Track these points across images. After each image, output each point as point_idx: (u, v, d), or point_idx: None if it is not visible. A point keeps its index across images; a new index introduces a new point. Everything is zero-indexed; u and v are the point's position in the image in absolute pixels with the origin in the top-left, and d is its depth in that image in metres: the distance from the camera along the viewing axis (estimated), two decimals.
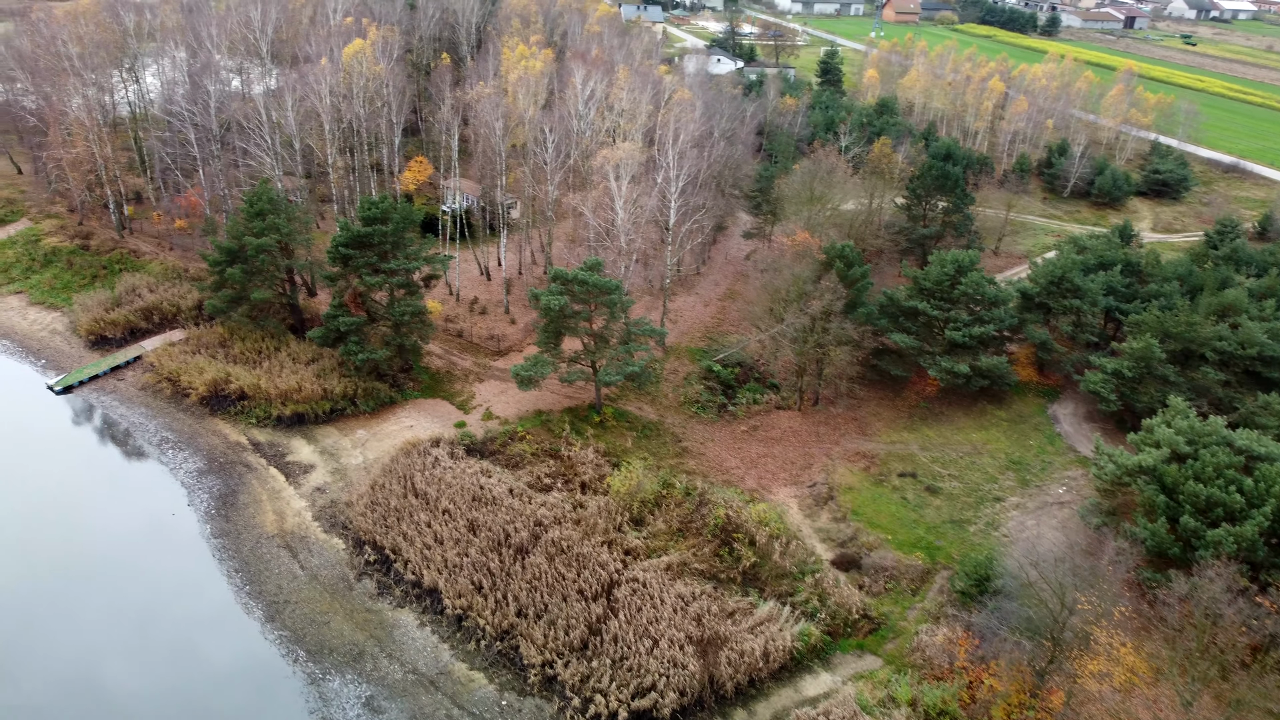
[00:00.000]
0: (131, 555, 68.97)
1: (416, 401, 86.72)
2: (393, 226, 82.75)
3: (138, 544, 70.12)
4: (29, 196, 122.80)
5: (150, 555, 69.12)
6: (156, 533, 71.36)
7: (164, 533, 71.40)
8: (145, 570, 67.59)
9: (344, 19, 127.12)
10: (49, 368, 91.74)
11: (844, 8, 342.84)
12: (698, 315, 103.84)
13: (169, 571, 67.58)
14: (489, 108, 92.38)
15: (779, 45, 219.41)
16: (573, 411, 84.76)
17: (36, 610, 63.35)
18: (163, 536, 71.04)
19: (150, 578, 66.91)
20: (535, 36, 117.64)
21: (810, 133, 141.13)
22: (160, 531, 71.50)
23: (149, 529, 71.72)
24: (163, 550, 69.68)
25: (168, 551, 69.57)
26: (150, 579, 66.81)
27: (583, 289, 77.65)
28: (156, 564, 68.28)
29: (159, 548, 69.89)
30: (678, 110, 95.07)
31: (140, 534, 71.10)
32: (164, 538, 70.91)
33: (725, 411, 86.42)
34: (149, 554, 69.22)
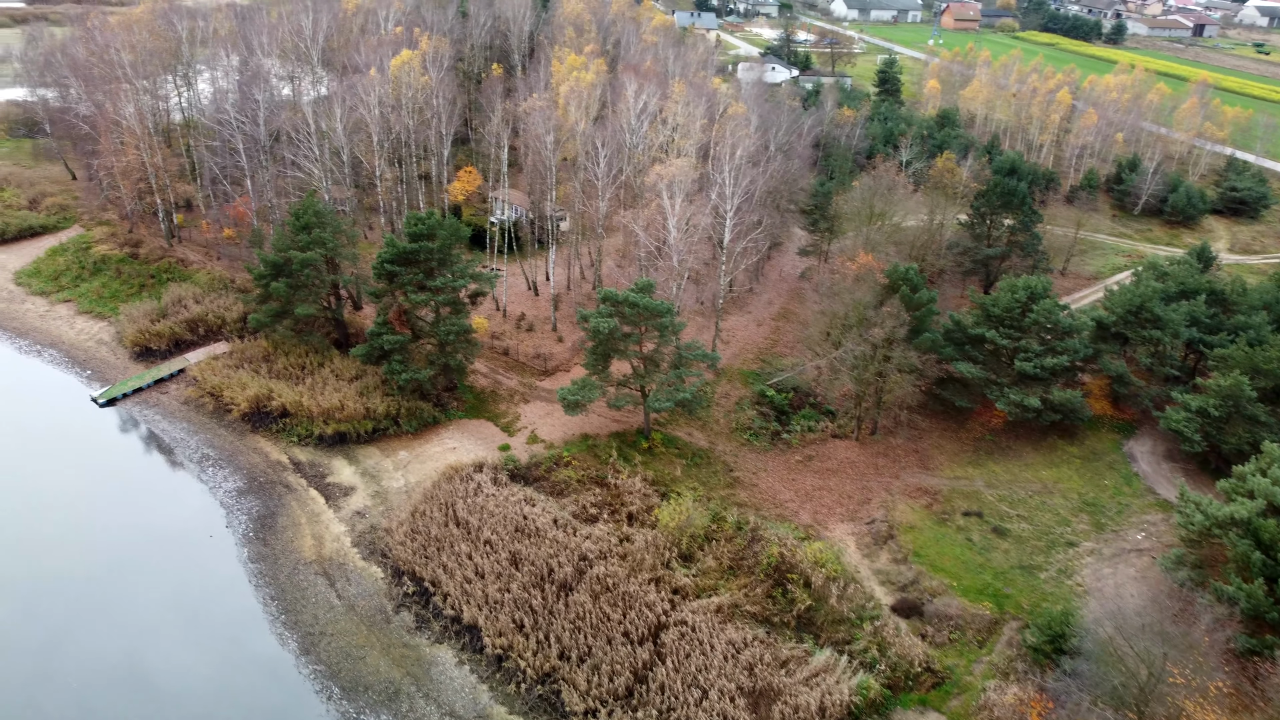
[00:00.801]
0: (169, 578, 67.34)
1: (460, 422, 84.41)
2: (439, 243, 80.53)
3: (175, 566, 68.53)
4: (82, 203, 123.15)
5: (187, 579, 67.44)
6: (194, 555, 69.77)
7: (201, 555, 69.79)
8: (182, 595, 65.89)
9: (395, 28, 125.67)
10: (94, 379, 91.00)
11: (901, 14, 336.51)
12: (750, 336, 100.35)
13: (205, 596, 65.85)
14: (540, 120, 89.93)
15: (835, 53, 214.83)
16: (620, 436, 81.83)
17: (70, 630, 61.95)
18: (200, 559, 69.41)
19: (186, 603, 65.20)
20: (589, 46, 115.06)
21: (868, 145, 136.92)
22: (198, 554, 69.90)
23: (187, 551, 70.16)
24: (200, 574, 68.02)
25: (205, 575, 67.90)
26: (186, 604, 65.09)
27: (633, 311, 74.70)
28: (193, 588, 66.57)
29: (196, 571, 68.24)
30: (732, 124, 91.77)
31: (178, 556, 69.56)
32: (201, 560, 69.28)
33: (779, 439, 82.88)
34: (186, 577, 67.56)
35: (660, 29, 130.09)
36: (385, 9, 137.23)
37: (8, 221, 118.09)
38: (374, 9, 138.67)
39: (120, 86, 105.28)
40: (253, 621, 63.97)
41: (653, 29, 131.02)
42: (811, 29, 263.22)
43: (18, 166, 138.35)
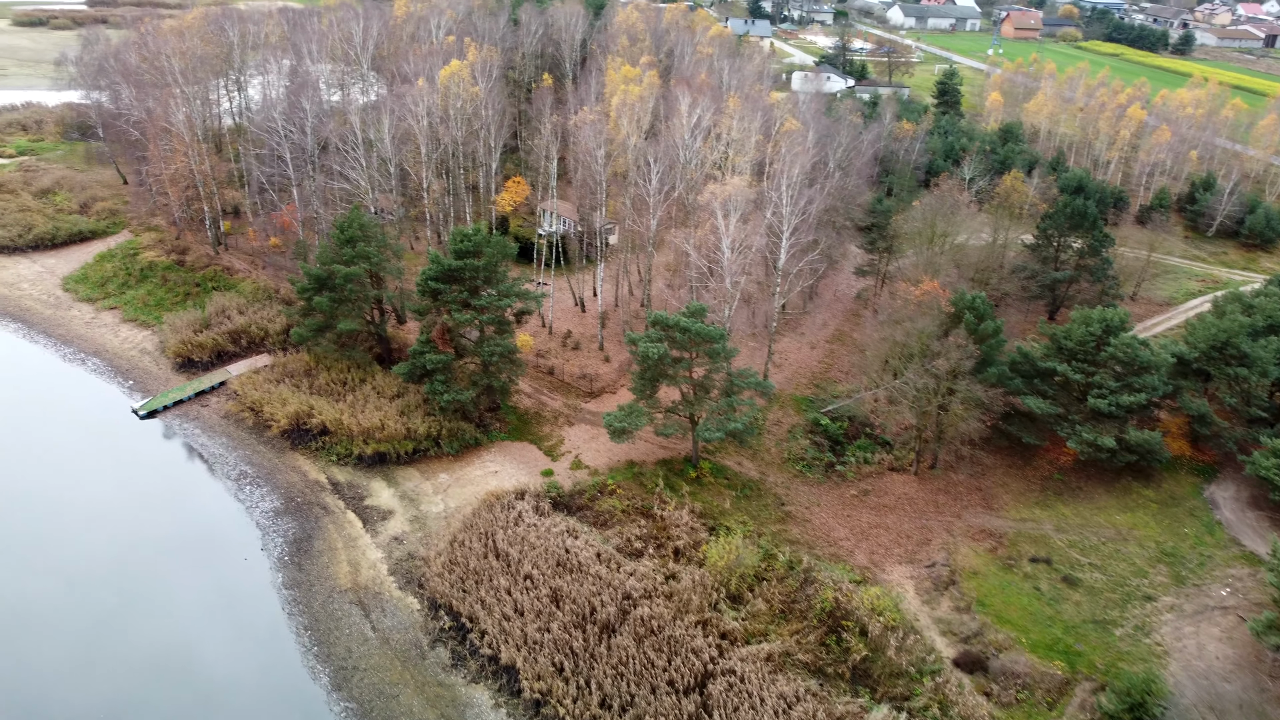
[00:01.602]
0: (202, 602, 65.48)
1: (503, 444, 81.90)
2: (485, 260, 78.13)
3: (209, 589, 66.70)
4: (131, 208, 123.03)
5: (220, 603, 65.58)
6: (229, 578, 67.95)
7: (236, 578, 67.95)
8: (214, 621, 64.01)
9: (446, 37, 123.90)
10: (135, 390, 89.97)
11: (959, 23, 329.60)
12: (804, 359, 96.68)
13: (238, 623, 63.96)
14: (590, 134, 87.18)
15: (892, 62, 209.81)
16: (667, 464, 78.74)
17: (99, 650, 60.28)
18: (234, 582, 67.56)
19: (219, 629, 63.31)
20: (645, 57, 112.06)
21: (928, 160, 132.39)
22: (232, 577, 68.08)
23: (222, 573, 68.36)
24: (233, 598, 66.13)
25: (238, 600, 66.01)
26: (218, 631, 63.20)
27: (684, 337, 71.62)
28: (226, 614, 64.69)
29: (229, 595, 66.36)
30: (789, 140, 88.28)
31: (213, 578, 67.76)
32: (235, 584, 67.43)
33: (833, 471, 79.21)
34: (219, 601, 65.71)
35: (716, 39, 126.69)
36: (437, 17, 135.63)
37: (58, 226, 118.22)
38: (426, 16, 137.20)
39: (170, 93, 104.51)
40: (285, 652, 61.89)
41: (708, 39, 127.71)
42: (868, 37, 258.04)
43: (71, 170, 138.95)
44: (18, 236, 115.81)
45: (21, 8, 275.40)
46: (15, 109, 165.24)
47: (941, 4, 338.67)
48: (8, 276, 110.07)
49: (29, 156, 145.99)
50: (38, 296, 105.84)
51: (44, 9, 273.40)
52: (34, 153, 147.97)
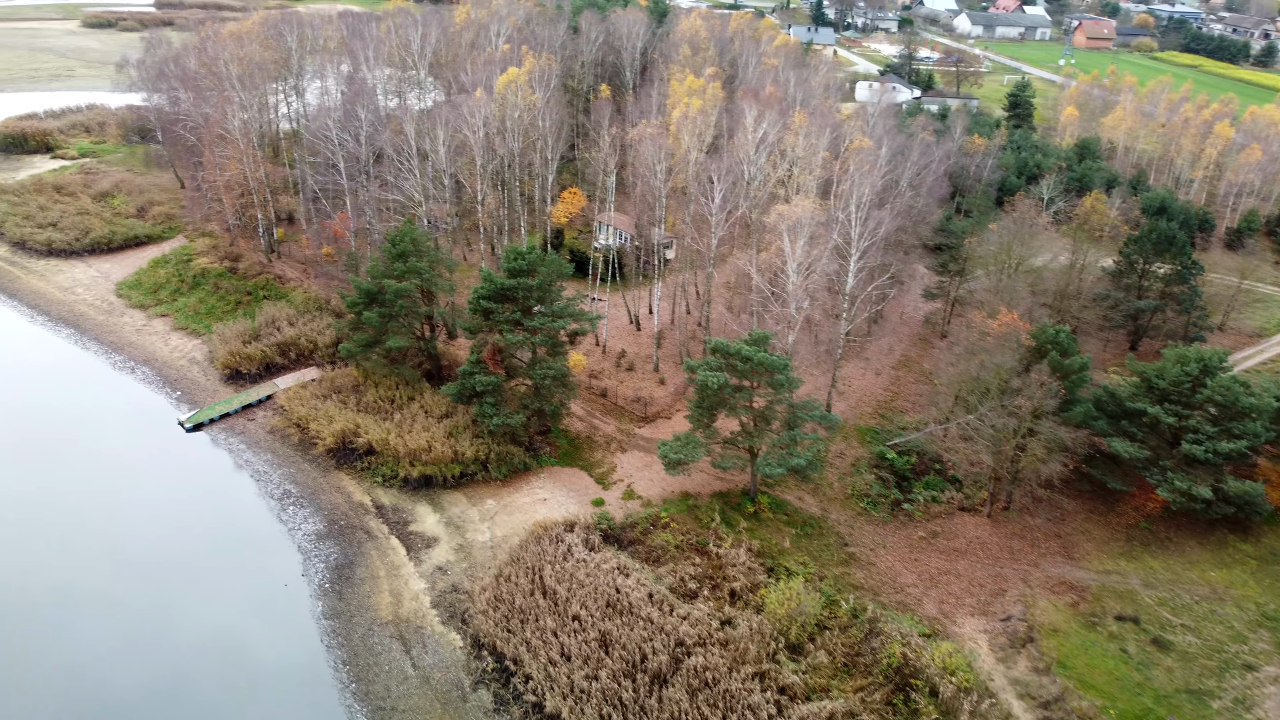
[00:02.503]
0: (239, 629, 63.19)
1: (552, 470, 78.83)
2: (539, 280, 75.16)
3: (247, 617, 64.43)
4: (187, 213, 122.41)
5: (258, 631, 63.28)
6: (267, 605, 65.63)
7: (275, 606, 65.61)
8: (251, 650, 61.71)
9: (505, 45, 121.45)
10: (183, 401, 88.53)
11: (1028, 32, 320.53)
12: (868, 386, 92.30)
13: (275, 654, 61.62)
14: (651, 148, 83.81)
15: (961, 73, 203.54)
16: (724, 497, 75.02)
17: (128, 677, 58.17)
18: (273, 610, 65.22)
19: (255, 659, 61.00)
20: (710, 69, 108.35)
21: (999, 177, 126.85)
22: (271, 604, 65.74)
23: (261, 599, 66.09)
24: (271, 627, 63.80)
25: (276, 629, 63.66)
26: (255, 661, 60.90)
27: (746, 365, 67.85)
28: (263, 643, 62.38)
29: (268, 623, 64.05)
30: (858, 158, 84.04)
31: (251, 604, 65.50)
32: (274, 612, 65.10)
33: (899, 510, 74.85)
34: (257, 629, 63.41)
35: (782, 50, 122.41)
36: (497, 23, 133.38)
37: (115, 230, 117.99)
38: (486, 24, 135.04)
39: (227, 99, 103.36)
40: (322, 687, 59.34)
41: (773, 49, 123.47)
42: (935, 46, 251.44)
43: (130, 173, 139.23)
44: (75, 240, 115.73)
45: (92, 9, 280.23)
46: (80, 110, 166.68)
47: (1010, 12, 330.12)
48: (64, 281, 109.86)
49: (90, 159, 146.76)
50: (91, 302, 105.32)
51: (113, 10, 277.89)
52: (95, 155, 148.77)
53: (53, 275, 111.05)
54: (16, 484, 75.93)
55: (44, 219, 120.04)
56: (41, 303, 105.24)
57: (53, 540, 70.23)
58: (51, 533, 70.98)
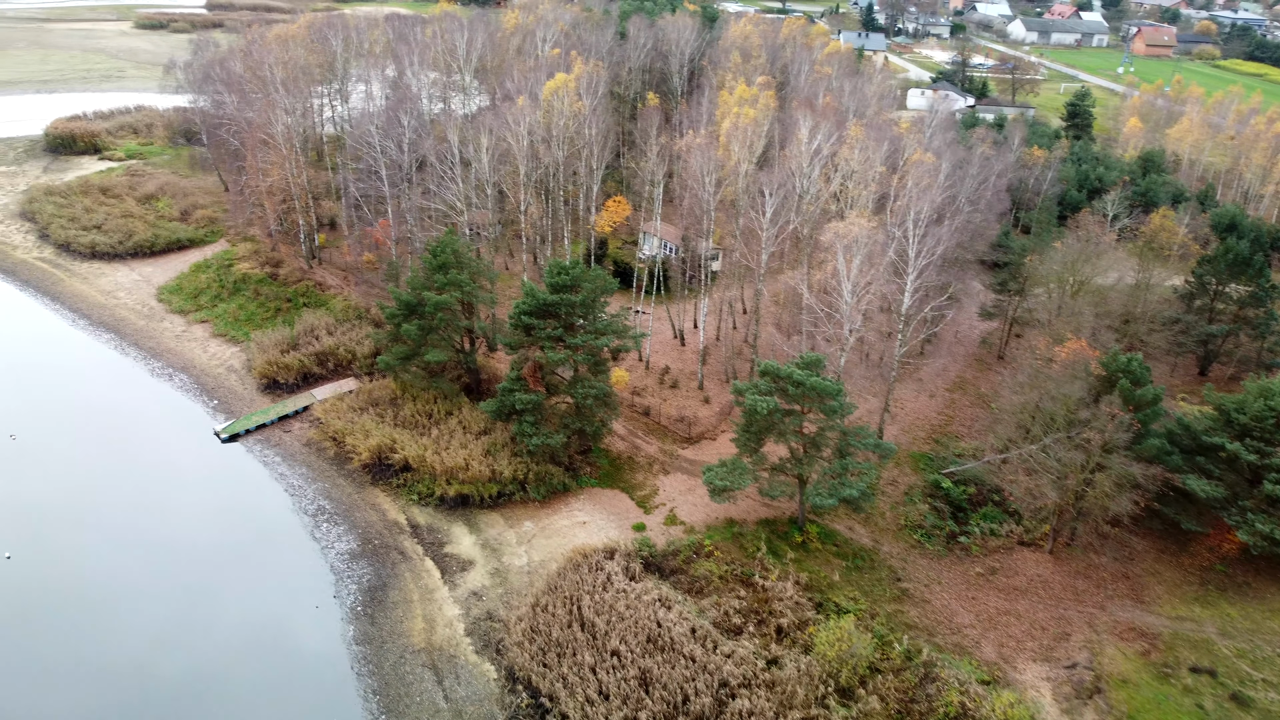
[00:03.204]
0: (267, 653, 61.39)
1: (592, 491, 76.27)
2: (583, 296, 72.66)
3: (276, 639, 62.63)
4: (230, 217, 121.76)
5: (286, 656, 61.41)
6: (297, 627, 63.72)
7: (305, 628, 63.66)
8: (279, 675, 59.86)
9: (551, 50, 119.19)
10: (219, 410, 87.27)
11: (1085, 39, 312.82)
12: (921, 410, 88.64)
13: (303, 681, 59.68)
14: (699, 159, 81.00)
15: (1016, 80, 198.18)
16: (770, 525, 71.92)
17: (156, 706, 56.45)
18: (303, 634, 63.27)
19: (282, 686, 59.09)
20: (761, 77, 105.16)
21: (1059, 190, 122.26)
22: (302, 626, 63.80)
23: (290, 621, 64.21)
24: (300, 651, 61.88)
25: (305, 653, 61.72)
26: (282, 688, 58.98)
27: (797, 390, 64.77)
28: (291, 668, 60.48)
29: (297, 647, 62.14)
30: (917, 173, 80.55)
31: (280, 626, 63.66)
32: (304, 635, 63.13)
33: (955, 543, 71.28)
34: (285, 653, 61.55)
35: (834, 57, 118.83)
36: (544, 29, 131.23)
37: (158, 234, 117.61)
38: (532, 29, 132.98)
39: (270, 103, 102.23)
40: (351, 718, 57.18)
41: (825, 57, 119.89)
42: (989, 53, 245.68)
43: (175, 175, 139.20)
44: (118, 243, 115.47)
45: (145, 10, 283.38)
46: (128, 112, 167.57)
47: (1066, 18, 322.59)
48: (106, 284, 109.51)
49: (137, 160, 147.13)
50: (132, 306, 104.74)
51: (165, 12, 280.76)
52: (142, 156, 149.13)
53: (95, 278, 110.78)
54: (51, 490, 74.89)
55: (89, 221, 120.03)
56: (83, 306, 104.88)
57: (80, 550, 68.99)
58: (80, 542, 69.76)
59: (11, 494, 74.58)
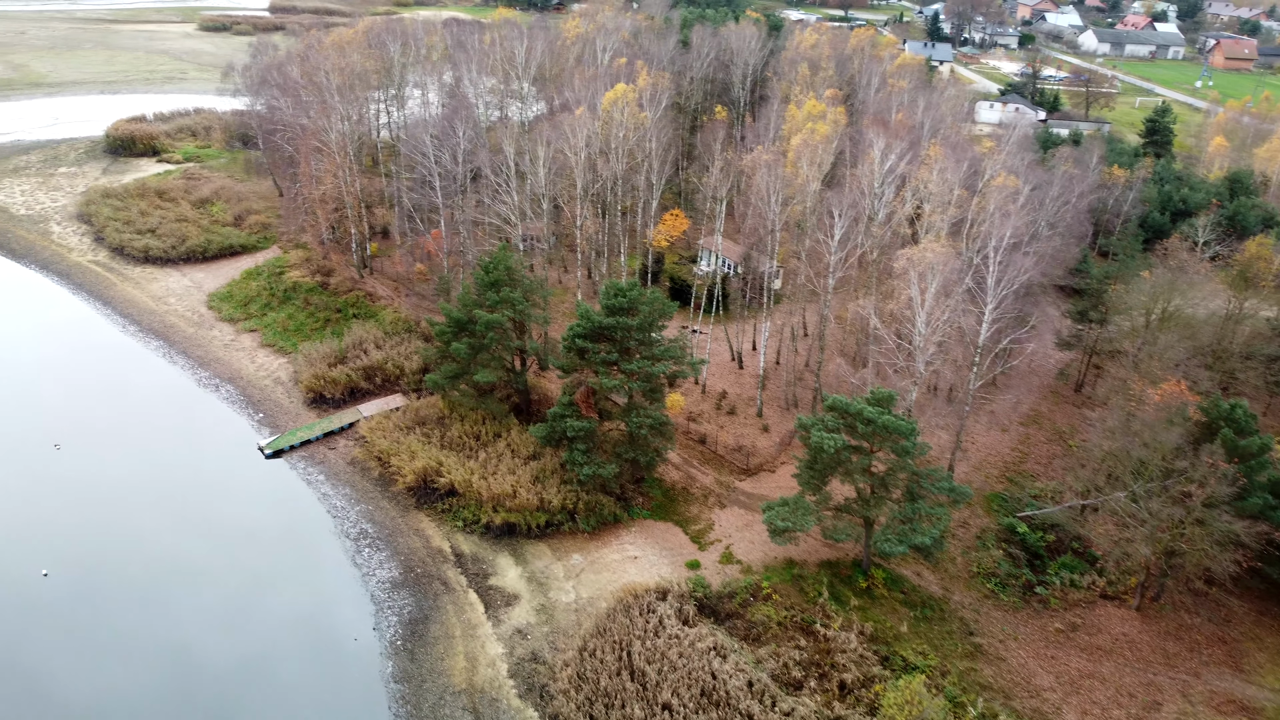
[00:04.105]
0: (305, 690, 58.64)
1: (644, 524, 72.70)
2: (640, 319, 69.14)
3: (314, 673, 59.95)
4: (283, 223, 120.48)
5: (325, 694, 58.59)
6: (335, 661, 60.99)
7: (342, 662, 60.92)
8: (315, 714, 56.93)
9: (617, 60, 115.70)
10: (264, 424, 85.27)
11: (1160, 50, 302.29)
12: (994, 445, 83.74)
13: None
14: (766, 176, 77.12)
15: (1091, 94, 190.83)
16: (833, 568, 67.74)
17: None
18: (341, 668, 60.51)
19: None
20: (830, 90, 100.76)
21: (1139, 212, 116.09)
22: (340, 660, 61.06)
23: (329, 654, 61.49)
24: (338, 686, 59.11)
25: (341, 690, 58.92)
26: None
27: (867, 429, 60.58)
28: (329, 707, 57.62)
29: (333, 683, 59.33)
30: (998, 197, 75.87)
31: (319, 660, 60.99)
32: (342, 670, 60.38)
33: (1032, 595, 66.47)
34: (324, 691, 58.74)
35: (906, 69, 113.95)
36: (605, 38, 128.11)
37: (210, 239, 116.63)
38: (593, 38, 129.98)
39: (325, 110, 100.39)
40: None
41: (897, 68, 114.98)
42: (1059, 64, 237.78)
43: (230, 179, 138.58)
44: (171, 248, 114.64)
45: (209, 13, 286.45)
46: (187, 114, 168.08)
47: (1140, 29, 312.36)
48: (157, 290, 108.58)
49: (193, 163, 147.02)
50: (182, 313, 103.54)
51: (228, 14, 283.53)
52: (199, 159, 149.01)
53: (147, 283, 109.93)
54: (90, 504, 73.22)
55: (143, 225, 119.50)
56: (134, 312, 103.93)
57: (117, 568, 67.10)
58: (117, 559, 67.89)
59: (52, 506, 73.13)
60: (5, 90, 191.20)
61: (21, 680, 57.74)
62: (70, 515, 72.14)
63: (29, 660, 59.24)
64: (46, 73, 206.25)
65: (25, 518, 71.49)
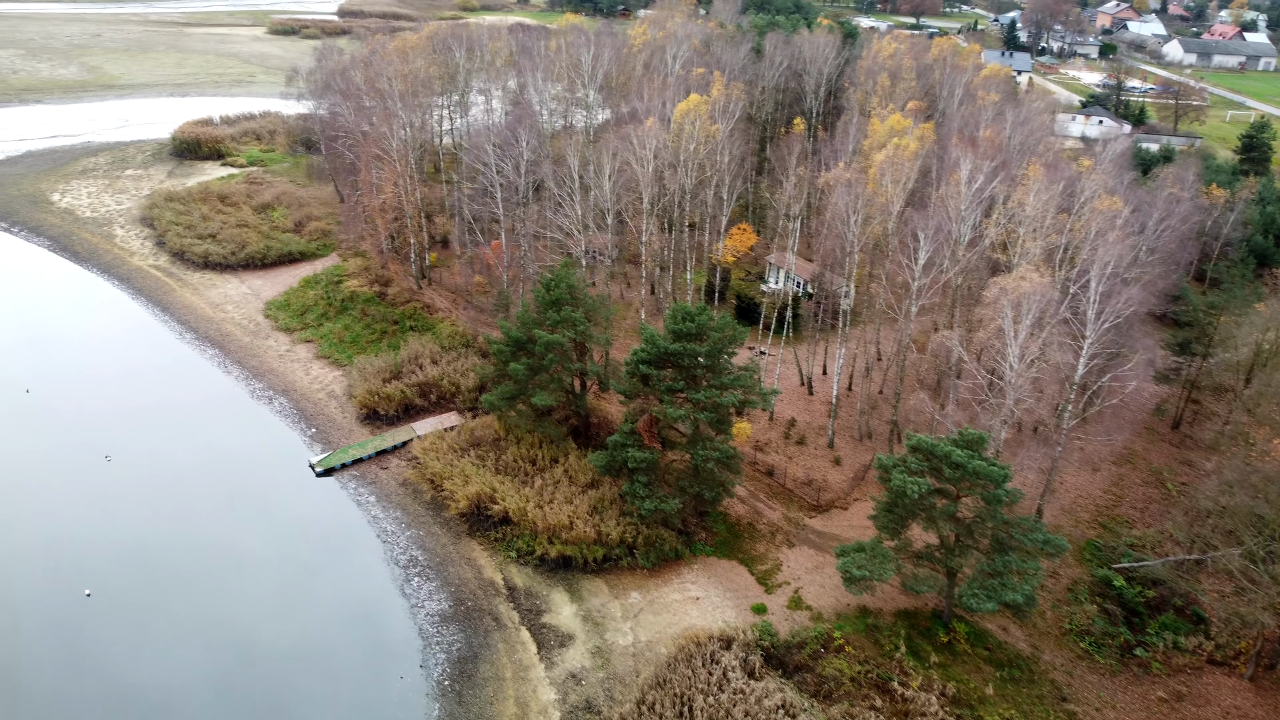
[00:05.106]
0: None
1: (707, 561, 68.56)
2: (709, 346, 65.01)
3: (358, 714, 56.74)
4: (343, 230, 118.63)
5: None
6: (379, 701, 57.77)
7: (387, 703, 57.67)
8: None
9: (695, 70, 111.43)
10: (316, 440, 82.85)
11: (1249, 61, 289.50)
12: (1083, 486, 78.02)
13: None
14: (845, 195, 72.55)
15: (1180, 107, 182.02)
16: (910, 618, 62.90)
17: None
18: (385, 709, 57.25)
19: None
20: (913, 102, 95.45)
21: (1241, 235, 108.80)
22: (384, 700, 57.84)
23: (373, 693, 58.30)
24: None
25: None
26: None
27: (955, 473, 55.74)
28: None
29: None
30: (1099, 222, 70.35)
31: (362, 700, 57.76)
32: (386, 711, 57.10)
33: (1130, 656, 60.93)
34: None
35: (991, 81, 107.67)
36: (675, 46, 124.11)
37: (270, 245, 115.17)
38: (662, 46, 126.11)
39: (387, 117, 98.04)
40: None
41: (982, 80, 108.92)
42: (1146, 76, 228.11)
43: (292, 184, 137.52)
44: (230, 254, 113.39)
45: (279, 16, 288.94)
46: (253, 117, 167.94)
47: (1228, 39, 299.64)
48: (215, 296, 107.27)
49: (257, 167, 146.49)
50: (239, 321, 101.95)
51: (298, 18, 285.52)
52: (262, 164, 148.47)
53: (206, 290, 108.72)
54: (136, 521, 71.18)
55: (204, 230, 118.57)
56: (191, 319, 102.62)
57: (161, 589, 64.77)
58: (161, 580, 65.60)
59: (99, 521, 71.34)
60: (79, 92, 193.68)
61: (59, 700, 55.56)
62: (115, 531, 70.27)
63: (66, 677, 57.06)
64: (119, 75, 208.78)
65: (72, 534, 69.69)
